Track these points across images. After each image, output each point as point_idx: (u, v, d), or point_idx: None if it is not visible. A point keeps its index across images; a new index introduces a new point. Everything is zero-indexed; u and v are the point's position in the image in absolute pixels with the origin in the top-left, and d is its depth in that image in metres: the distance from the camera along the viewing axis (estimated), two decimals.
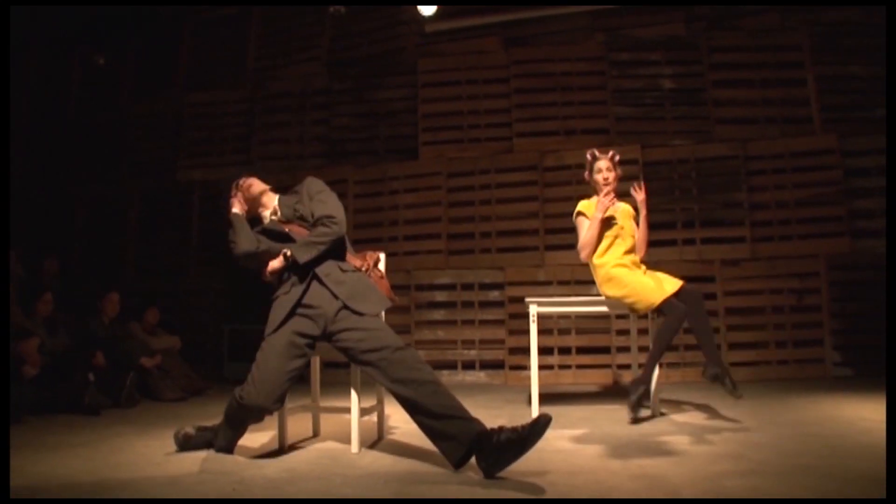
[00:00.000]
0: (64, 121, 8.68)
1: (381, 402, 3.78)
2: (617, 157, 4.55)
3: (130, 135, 8.49)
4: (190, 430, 3.48)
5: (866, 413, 4.22)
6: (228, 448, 3.36)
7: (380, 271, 3.66)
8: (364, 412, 3.50)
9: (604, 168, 4.48)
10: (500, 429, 2.86)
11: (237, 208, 3.57)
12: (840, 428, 3.76)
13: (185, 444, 3.43)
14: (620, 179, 4.60)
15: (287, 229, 3.49)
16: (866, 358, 6.37)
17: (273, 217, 3.60)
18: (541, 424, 2.80)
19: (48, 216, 8.25)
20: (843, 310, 6.54)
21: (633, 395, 4.04)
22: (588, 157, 4.59)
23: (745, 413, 4.39)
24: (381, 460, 3.17)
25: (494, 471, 2.80)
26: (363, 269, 3.52)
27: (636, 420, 4.07)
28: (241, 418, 3.30)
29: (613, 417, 4.28)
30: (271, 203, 3.64)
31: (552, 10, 7.38)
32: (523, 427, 2.81)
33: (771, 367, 6.50)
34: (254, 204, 3.63)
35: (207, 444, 3.42)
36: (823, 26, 6.94)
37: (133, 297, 6.82)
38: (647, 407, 4.24)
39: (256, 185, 3.64)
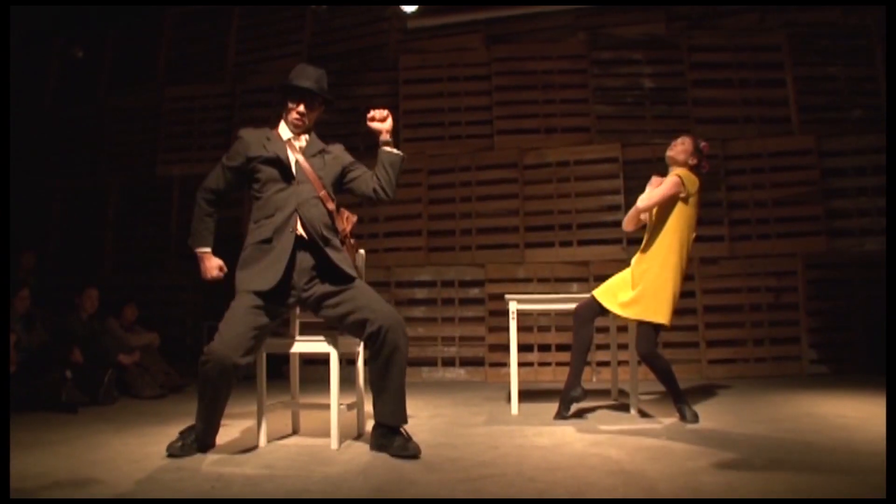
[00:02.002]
0: (41, 113, 8.58)
1: (360, 398, 3.78)
2: (702, 144, 4.17)
3: (108, 128, 8.42)
4: (177, 441, 3.23)
5: (842, 410, 4.28)
6: (206, 431, 3.23)
7: (352, 240, 3.54)
8: (344, 408, 3.50)
9: (677, 143, 4.18)
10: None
11: None
12: (816, 424, 3.81)
13: (182, 449, 3.19)
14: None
15: (296, 162, 3.36)
16: (842, 356, 6.47)
17: (296, 142, 3.41)
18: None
19: (24, 210, 8.16)
20: (820, 308, 6.62)
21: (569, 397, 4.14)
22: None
23: (722, 410, 4.45)
24: (360, 457, 3.16)
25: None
26: (342, 234, 3.43)
27: (564, 417, 4.12)
28: (213, 384, 3.11)
29: (591, 414, 4.30)
30: (305, 133, 3.47)
31: (534, 8, 7.40)
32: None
33: (748, 364, 6.58)
34: (296, 116, 3.41)
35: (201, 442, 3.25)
36: (802, 27, 7.02)
37: (111, 291, 6.76)
38: (577, 398, 4.17)
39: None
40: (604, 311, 4.17)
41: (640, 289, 4.02)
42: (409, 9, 7.39)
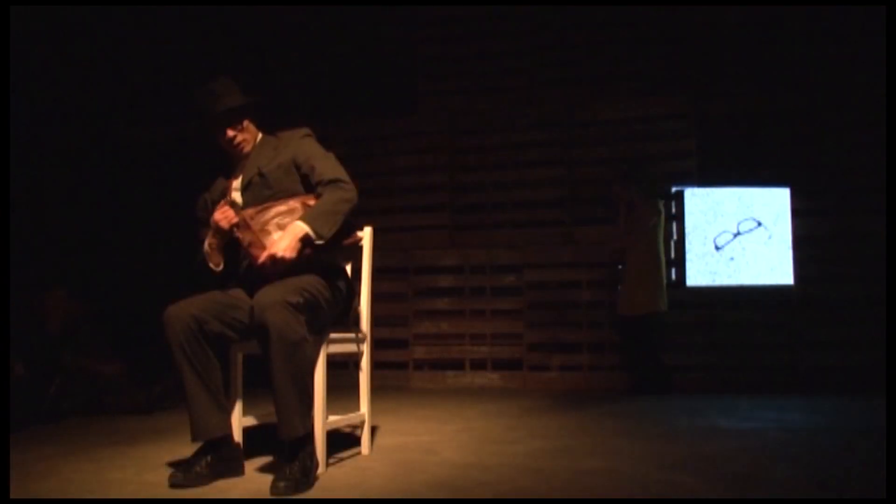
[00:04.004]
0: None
1: (361, 410, 3.80)
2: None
3: None
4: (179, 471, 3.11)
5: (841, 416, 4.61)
6: (201, 423, 3.12)
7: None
8: (337, 427, 3.56)
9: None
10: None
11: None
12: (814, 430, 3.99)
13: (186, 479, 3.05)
14: None
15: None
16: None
17: (238, 172, 3.41)
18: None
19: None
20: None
21: None
22: None
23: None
24: (352, 476, 3.20)
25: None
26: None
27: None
28: (182, 351, 3.08)
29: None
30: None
31: None
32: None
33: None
34: (232, 146, 3.42)
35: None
36: None
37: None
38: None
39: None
40: None
41: None
42: None
